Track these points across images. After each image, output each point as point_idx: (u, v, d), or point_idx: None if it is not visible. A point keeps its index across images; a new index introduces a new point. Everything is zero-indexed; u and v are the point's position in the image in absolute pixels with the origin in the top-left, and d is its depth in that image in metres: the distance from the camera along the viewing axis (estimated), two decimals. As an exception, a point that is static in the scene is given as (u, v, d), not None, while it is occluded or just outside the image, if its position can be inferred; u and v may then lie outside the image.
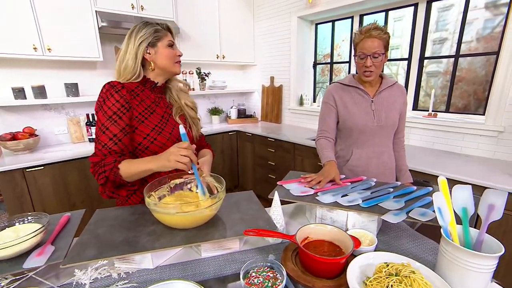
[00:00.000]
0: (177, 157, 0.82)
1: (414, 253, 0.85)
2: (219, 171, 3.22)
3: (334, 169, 1.14)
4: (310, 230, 0.82)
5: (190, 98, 1.16)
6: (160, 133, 1.00)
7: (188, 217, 0.79)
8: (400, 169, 1.41)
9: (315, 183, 1.07)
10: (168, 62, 1.02)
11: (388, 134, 1.30)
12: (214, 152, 1.28)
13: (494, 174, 1.57)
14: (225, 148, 3.21)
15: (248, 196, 1.06)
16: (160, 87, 1.08)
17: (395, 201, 0.91)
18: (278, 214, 0.90)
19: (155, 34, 1.00)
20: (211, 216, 0.86)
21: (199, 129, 1.17)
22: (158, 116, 1.02)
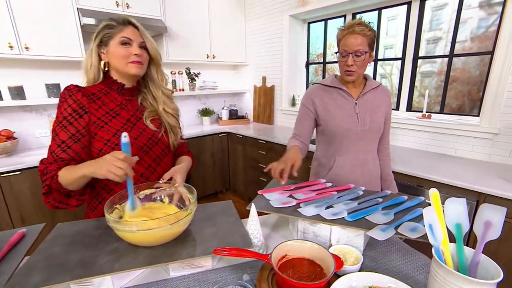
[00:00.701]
0: (109, 167, 0.72)
1: (403, 271, 0.78)
2: (210, 174, 3.14)
3: (295, 155, 1.03)
4: (289, 247, 0.74)
5: (172, 104, 1.07)
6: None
7: (153, 235, 0.71)
8: (384, 179, 1.33)
9: (278, 174, 0.96)
10: (119, 62, 0.91)
11: (373, 139, 1.22)
12: (193, 159, 1.19)
13: (489, 179, 1.51)
14: (215, 150, 3.12)
15: (226, 207, 0.98)
16: (131, 89, 0.99)
17: (383, 214, 0.83)
18: (255, 229, 0.82)
19: (106, 31, 0.90)
20: (180, 232, 0.78)
21: (177, 138, 1.08)
22: (123, 120, 0.93)
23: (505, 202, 1.35)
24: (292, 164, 0.99)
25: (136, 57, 0.92)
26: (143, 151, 0.95)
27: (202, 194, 3.15)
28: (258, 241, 0.83)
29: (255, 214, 0.82)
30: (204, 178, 3.10)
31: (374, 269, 0.78)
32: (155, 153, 0.99)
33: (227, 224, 0.86)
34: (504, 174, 1.57)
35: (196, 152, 2.95)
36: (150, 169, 0.98)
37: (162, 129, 1.02)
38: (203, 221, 0.88)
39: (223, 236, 0.80)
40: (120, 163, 0.72)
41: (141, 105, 1.01)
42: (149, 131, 0.98)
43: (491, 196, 1.39)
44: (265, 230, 1.00)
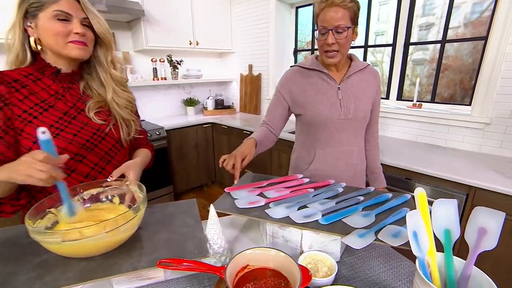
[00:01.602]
0: (28, 170, 0.59)
1: (384, 281, 0.68)
2: (193, 166, 3.01)
3: (248, 149, 0.94)
4: (250, 256, 0.62)
5: (125, 93, 0.91)
6: (57, 135, 0.76)
7: (85, 246, 0.59)
8: (372, 171, 1.22)
9: (230, 167, 0.88)
10: (54, 41, 0.74)
11: (358, 129, 1.09)
12: (153, 151, 1.06)
13: (480, 171, 1.42)
14: (199, 141, 2.98)
15: (188, 206, 0.86)
16: (70, 75, 0.82)
17: (363, 215, 0.72)
18: (216, 233, 0.70)
19: (32, 0, 0.72)
20: (124, 239, 0.66)
21: (132, 131, 0.93)
22: (58, 113, 0.78)
23: (497, 196, 1.27)
24: (242, 159, 0.90)
25: (77, 36, 0.76)
26: (86, 148, 0.81)
27: (186, 187, 3.03)
28: (219, 248, 0.71)
29: (215, 217, 0.70)
30: (187, 170, 2.97)
31: (351, 280, 0.68)
32: (102, 150, 0.85)
33: (185, 227, 0.74)
34: (496, 166, 1.48)
35: (179, 144, 2.82)
36: (98, 169, 0.85)
37: (111, 121, 0.87)
38: (158, 224, 0.76)
39: (177, 242, 0.68)
40: (40, 165, 0.58)
41: (84, 94, 0.85)
42: (94, 125, 0.83)
43: (482, 190, 1.31)
44: (233, 232, 0.88)
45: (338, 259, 0.74)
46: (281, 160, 2.32)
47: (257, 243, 0.83)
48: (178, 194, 2.97)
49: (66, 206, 0.66)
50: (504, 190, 1.23)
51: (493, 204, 1.28)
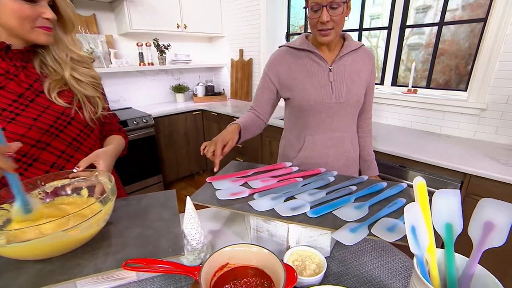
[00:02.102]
0: None
1: (377, 277, 0.62)
2: (184, 154, 2.93)
3: (230, 135, 0.86)
4: (229, 254, 0.56)
5: (85, 69, 0.80)
6: (13, 120, 0.66)
7: (38, 247, 0.51)
8: (364, 159, 1.15)
9: (210, 154, 0.81)
10: (18, 24, 0.64)
11: (350, 114, 1.02)
12: (127, 139, 0.98)
13: (475, 158, 1.37)
14: (189, 129, 2.89)
15: (166, 197, 0.78)
16: (23, 52, 0.71)
17: (356, 207, 0.66)
18: (193, 228, 0.63)
19: None
20: (88, 237, 0.58)
21: (99, 109, 0.84)
22: (11, 95, 0.68)
23: (492, 183, 1.22)
24: (224, 145, 0.83)
25: (47, 22, 0.67)
26: (50, 134, 0.72)
27: (177, 177, 2.95)
28: (198, 243, 0.65)
29: (192, 210, 0.63)
30: (177, 159, 2.89)
31: (341, 277, 0.62)
32: (69, 136, 0.76)
33: (160, 222, 0.67)
34: (490, 153, 1.44)
35: (168, 132, 2.72)
36: (65, 157, 0.76)
37: (75, 103, 0.77)
38: (131, 218, 0.69)
39: (150, 239, 0.61)
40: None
41: (42, 74, 0.75)
42: (57, 108, 0.74)
43: (477, 177, 1.26)
44: (215, 225, 0.82)
45: (328, 254, 0.68)
46: (272, 148, 2.26)
47: (242, 237, 0.77)
48: (168, 183, 2.90)
49: (19, 201, 0.58)
50: (500, 177, 1.19)
51: (488, 192, 1.24)
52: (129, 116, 2.42)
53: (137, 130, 2.39)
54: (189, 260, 0.66)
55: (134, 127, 2.36)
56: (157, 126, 2.59)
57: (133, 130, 2.37)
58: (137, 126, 2.38)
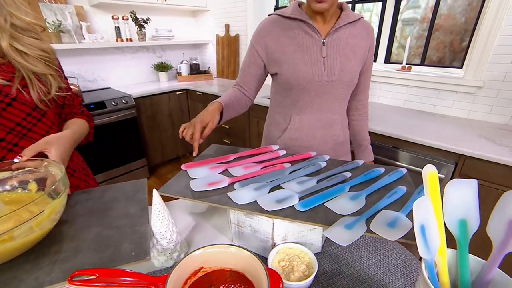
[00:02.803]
0: None
1: (374, 276, 0.55)
2: (169, 137, 2.79)
3: (211, 115, 0.79)
4: (203, 256, 0.47)
5: (32, 40, 0.65)
6: None
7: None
8: (359, 143, 1.07)
9: (188, 137, 0.74)
10: None
11: (342, 94, 0.91)
12: (92, 123, 0.85)
13: (469, 138, 1.31)
14: (173, 109, 2.73)
15: (135, 188, 0.68)
16: None
17: (351, 198, 0.57)
18: (163, 225, 0.54)
19: None
20: (33, 242, 0.48)
21: (52, 90, 0.70)
22: None
23: (487, 164, 1.17)
24: (203, 127, 0.76)
25: None
26: None
27: (162, 160, 2.83)
28: (169, 243, 0.55)
29: (160, 205, 0.53)
30: (162, 141, 2.75)
31: (334, 277, 0.54)
32: (11, 121, 0.63)
33: (124, 219, 0.57)
34: (485, 133, 1.38)
35: (150, 113, 2.56)
36: (5, 145, 0.64)
37: (17, 80, 0.63)
38: (90, 215, 0.58)
39: (111, 241, 0.51)
40: None
41: None
42: None
43: (471, 158, 1.21)
44: (193, 218, 0.72)
45: (319, 250, 0.60)
46: (260, 128, 2.15)
47: (223, 231, 0.68)
48: (153, 167, 2.78)
49: None
50: (496, 158, 1.14)
51: (483, 173, 1.20)
52: (107, 97, 2.25)
53: (116, 112, 2.23)
54: (160, 261, 0.57)
55: (113, 108, 2.19)
56: (139, 107, 2.43)
57: (112, 112, 2.20)
58: (117, 107, 2.21)
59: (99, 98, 2.18)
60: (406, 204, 0.54)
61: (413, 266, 0.57)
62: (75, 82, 2.24)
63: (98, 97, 2.22)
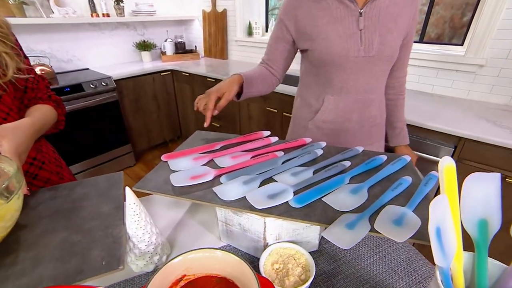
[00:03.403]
0: None
1: (376, 276, 0.51)
2: (155, 121, 2.69)
3: (229, 86, 0.77)
4: (185, 263, 0.42)
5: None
6: None
7: None
8: (393, 125, 0.99)
9: (202, 107, 0.75)
10: None
11: (381, 71, 0.84)
12: (63, 109, 0.77)
13: (469, 120, 1.28)
14: (158, 92, 2.61)
15: (110, 183, 0.61)
16: None
17: (352, 191, 0.52)
18: (139, 227, 0.48)
19: None
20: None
21: (8, 72, 0.60)
22: None
23: (488, 148, 1.14)
24: (218, 97, 0.75)
25: None
26: None
27: (148, 145, 2.74)
28: (148, 246, 0.50)
29: (135, 205, 0.47)
30: (148, 126, 2.65)
31: (333, 278, 0.50)
32: None
33: (96, 220, 0.51)
34: (485, 114, 1.35)
35: (134, 96, 2.44)
36: None
37: None
38: (55, 217, 0.52)
39: (78, 248, 0.45)
40: None
41: None
42: None
43: (471, 141, 1.18)
44: (177, 214, 0.67)
45: (315, 248, 0.56)
46: (251, 111, 2.08)
47: (210, 228, 0.63)
48: (139, 153, 2.69)
49: None
50: (497, 141, 1.11)
51: (482, 156, 1.17)
52: (85, 78, 2.11)
53: (96, 95, 2.10)
54: (139, 266, 0.51)
55: (92, 91, 2.07)
56: (120, 90, 2.30)
57: (92, 96, 2.08)
58: (96, 90, 2.08)
59: (76, 80, 2.04)
60: (413, 197, 0.50)
61: (417, 264, 0.53)
62: (46, 62, 2.08)
63: (75, 79, 2.08)
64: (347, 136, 0.90)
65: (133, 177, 2.44)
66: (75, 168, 2.14)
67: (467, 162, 1.21)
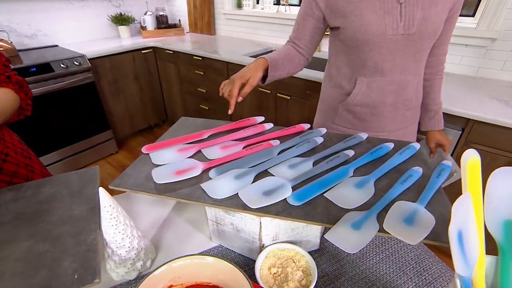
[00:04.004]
0: None
1: (383, 276, 0.49)
2: (137, 104, 2.60)
3: (254, 70, 0.78)
4: (173, 273, 0.40)
5: None
6: None
7: None
8: (427, 108, 0.94)
9: (226, 94, 0.77)
10: None
11: (421, 50, 0.78)
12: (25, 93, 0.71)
13: (479, 99, 1.26)
14: (140, 72, 2.51)
15: (83, 180, 0.57)
16: None
17: (357, 185, 0.49)
18: (118, 233, 0.44)
19: None
20: None
21: None
22: None
23: (499, 130, 1.13)
24: (242, 83, 0.76)
25: None
26: None
27: (131, 131, 2.67)
28: (129, 251, 0.47)
29: (112, 207, 0.43)
30: (130, 110, 2.56)
31: (336, 281, 0.48)
32: None
33: (67, 225, 0.47)
34: (496, 93, 1.33)
35: (112, 77, 2.33)
36: None
37: None
38: (18, 222, 0.48)
39: (46, 259, 0.42)
40: None
41: None
42: None
43: (480, 123, 1.16)
44: (160, 212, 0.64)
45: (316, 247, 0.54)
46: (243, 94, 2.02)
47: (199, 226, 0.60)
48: (121, 139, 2.62)
49: None
50: (509, 122, 1.09)
51: (491, 139, 1.16)
52: (55, 57, 1.99)
53: (68, 76, 2.00)
54: (120, 274, 0.49)
55: (64, 71, 1.96)
56: (97, 70, 2.20)
57: (63, 77, 1.97)
58: (68, 70, 1.98)
59: (44, 59, 1.93)
60: (424, 191, 0.47)
61: (427, 262, 0.52)
62: (5, 37, 1.95)
63: (42, 58, 1.96)
64: (380, 120, 0.87)
65: (115, 166, 2.38)
66: (50, 158, 2.07)
67: (476, 146, 1.20)
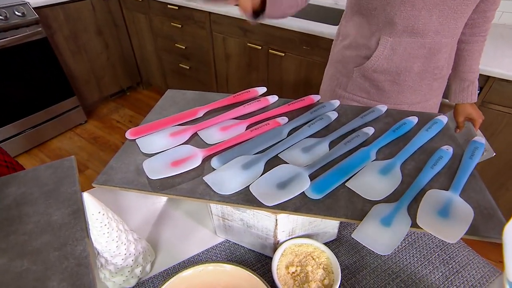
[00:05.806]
0: None
1: (407, 267, 0.51)
2: (104, 64, 2.46)
3: None
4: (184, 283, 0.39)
5: None
6: None
7: None
8: (461, 77, 0.87)
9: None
10: None
11: (465, 5, 0.69)
12: None
13: (502, 53, 1.23)
14: (103, 25, 2.33)
15: (57, 175, 0.54)
16: None
17: (381, 171, 0.48)
18: (111, 241, 0.43)
19: None
20: None
21: None
22: None
23: (519, 88, 1.13)
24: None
25: None
26: None
27: (100, 96, 2.54)
28: (126, 258, 0.46)
29: (101, 214, 0.41)
30: (95, 71, 2.42)
31: (357, 274, 0.50)
32: None
33: (48, 232, 0.45)
34: (521, 44, 1.31)
35: (69, 32, 2.16)
36: None
37: None
38: (-10, 230, 0.45)
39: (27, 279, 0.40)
40: None
41: None
42: None
43: (502, 81, 1.15)
44: (155, 208, 0.62)
45: (334, 237, 0.55)
46: (228, 48, 1.92)
47: (201, 221, 0.59)
48: (89, 106, 2.51)
49: None
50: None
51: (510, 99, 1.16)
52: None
53: (10, 31, 1.80)
54: (117, 283, 0.48)
55: (3, 24, 1.77)
56: (48, 23, 2.01)
57: (3, 32, 1.78)
58: (8, 23, 1.78)
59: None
60: (457, 176, 0.47)
61: (453, 248, 0.53)
62: None
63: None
64: (402, 90, 0.82)
65: (86, 137, 2.31)
66: (6, 132, 1.97)
67: (493, 107, 1.20)
